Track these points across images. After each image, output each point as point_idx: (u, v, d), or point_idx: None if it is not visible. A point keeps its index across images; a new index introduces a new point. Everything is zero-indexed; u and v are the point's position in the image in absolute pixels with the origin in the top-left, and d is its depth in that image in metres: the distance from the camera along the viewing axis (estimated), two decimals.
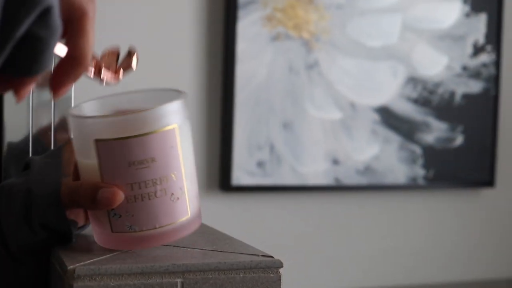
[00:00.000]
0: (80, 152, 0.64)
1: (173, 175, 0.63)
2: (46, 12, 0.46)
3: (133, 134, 0.61)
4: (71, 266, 0.59)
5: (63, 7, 0.49)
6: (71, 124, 0.64)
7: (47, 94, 0.82)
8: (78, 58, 0.51)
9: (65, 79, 0.51)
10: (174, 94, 0.67)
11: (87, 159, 0.63)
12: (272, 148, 1.45)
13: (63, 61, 0.51)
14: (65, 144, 0.70)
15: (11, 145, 0.83)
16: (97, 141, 0.61)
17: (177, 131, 0.63)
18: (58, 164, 0.68)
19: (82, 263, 0.60)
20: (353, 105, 1.51)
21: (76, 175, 0.66)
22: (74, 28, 0.50)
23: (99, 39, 1.47)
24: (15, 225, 0.65)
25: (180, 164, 0.63)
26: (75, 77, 0.52)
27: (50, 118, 0.82)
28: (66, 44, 0.51)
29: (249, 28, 1.42)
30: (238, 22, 1.41)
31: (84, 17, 0.50)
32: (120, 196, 0.62)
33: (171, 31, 1.40)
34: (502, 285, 1.71)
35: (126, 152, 0.61)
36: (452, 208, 1.65)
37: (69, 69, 0.51)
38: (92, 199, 0.62)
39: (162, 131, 0.62)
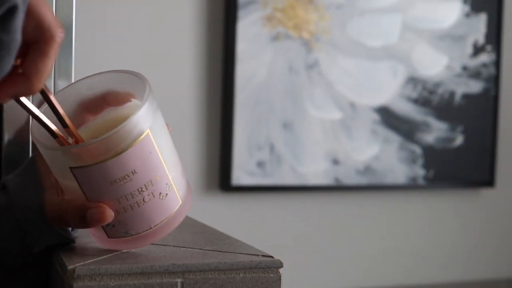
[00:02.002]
0: (57, 175, 0.62)
1: (157, 177, 0.61)
2: (10, 13, 0.44)
3: (108, 156, 0.58)
4: (71, 266, 0.59)
5: (31, 25, 0.47)
6: (40, 150, 0.61)
7: None
8: (31, 79, 0.48)
9: (7, 91, 0.49)
10: (133, 78, 0.64)
11: (66, 181, 0.61)
12: (272, 148, 1.45)
13: (15, 76, 0.49)
14: (40, 153, 0.66)
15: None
16: (73, 168, 0.59)
17: (151, 134, 0.60)
18: (35, 180, 0.65)
19: (82, 263, 0.60)
20: (353, 105, 1.51)
21: (60, 186, 0.64)
22: (37, 48, 0.48)
23: (100, 39, 1.47)
24: (9, 248, 0.64)
25: (161, 164, 0.61)
26: (18, 94, 0.49)
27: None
28: (24, 61, 0.49)
29: (249, 28, 1.42)
30: (238, 22, 1.41)
31: (51, 41, 0.48)
32: (109, 213, 0.60)
33: (171, 31, 1.40)
34: (502, 285, 1.71)
35: (105, 173, 0.59)
36: (452, 208, 1.65)
37: (17, 85, 0.49)
38: (81, 220, 0.60)
39: (137, 143, 0.59)
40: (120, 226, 0.62)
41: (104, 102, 0.66)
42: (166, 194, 0.62)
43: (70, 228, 0.68)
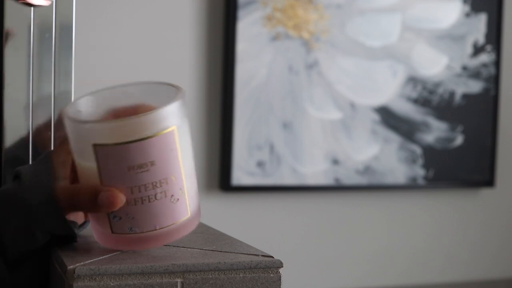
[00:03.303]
0: (79, 154, 0.63)
1: (173, 177, 0.62)
2: None
3: (132, 139, 0.59)
4: (71, 266, 0.59)
5: None
6: (68, 126, 0.62)
7: (47, 94, 0.82)
8: None
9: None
10: (171, 89, 0.65)
11: (85, 162, 0.62)
12: (272, 148, 1.45)
13: None
14: (59, 146, 0.68)
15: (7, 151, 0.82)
16: (96, 145, 0.60)
17: (176, 133, 0.61)
18: (48, 169, 0.66)
19: (82, 263, 0.60)
20: (352, 105, 1.51)
21: (73, 177, 0.65)
22: None
23: (100, 39, 1.47)
24: (15, 235, 0.64)
25: (179, 166, 0.62)
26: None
27: (50, 119, 0.82)
28: None
29: (249, 28, 1.42)
30: (238, 22, 1.41)
31: None
32: (121, 198, 0.61)
33: (171, 31, 1.40)
34: (502, 285, 1.71)
35: (125, 156, 0.60)
36: (452, 208, 1.65)
37: None
38: (92, 202, 0.61)
39: (162, 134, 0.61)
40: (127, 220, 0.62)
41: (134, 113, 0.67)
42: (178, 199, 0.63)
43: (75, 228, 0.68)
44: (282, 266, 0.64)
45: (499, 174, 1.67)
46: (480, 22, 1.61)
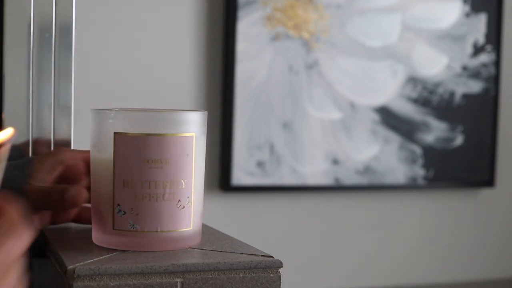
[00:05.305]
0: (97, 146, 0.65)
1: (183, 182, 0.64)
2: None
3: (152, 132, 0.63)
4: (71, 266, 0.59)
5: None
6: (93, 117, 0.66)
7: (47, 95, 0.82)
8: None
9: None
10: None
11: (102, 153, 0.64)
12: (272, 148, 1.45)
13: None
14: (50, 155, 0.70)
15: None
16: (117, 134, 0.63)
17: (194, 141, 0.66)
18: (23, 177, 0.67)
19: (82, 263, 0.60)
20: (352, 105, 1.51)
21: (56, 181, 0.68)
22: None
23: (100, 39, 1.47)
24: None
25: (191, 173, 0.66)
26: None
27: (50, 120, 0.82)
28: None
29: (249, 28, 1.42)
30: (238, 22, 1.41)
31: None
32: (85, 194, 0.64)
33: (171, 31, 1.40)
34: (502, 285, 1.71)
35: (142, 149, 0.63)
36: (452, 208, 1.65)
37: None
38: (61, 195, 0.64)
39: (181, 136, 0.64)
40: (131, 215, 0.63)
41: None
42: (183, 207, 0.65)
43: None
44: (282, 266, 0.64)
45: (499, 174, 1.67)
46: (480, 22, 1.61)
